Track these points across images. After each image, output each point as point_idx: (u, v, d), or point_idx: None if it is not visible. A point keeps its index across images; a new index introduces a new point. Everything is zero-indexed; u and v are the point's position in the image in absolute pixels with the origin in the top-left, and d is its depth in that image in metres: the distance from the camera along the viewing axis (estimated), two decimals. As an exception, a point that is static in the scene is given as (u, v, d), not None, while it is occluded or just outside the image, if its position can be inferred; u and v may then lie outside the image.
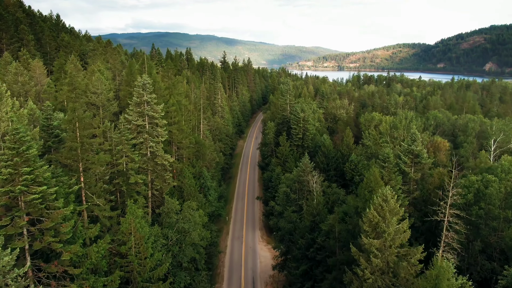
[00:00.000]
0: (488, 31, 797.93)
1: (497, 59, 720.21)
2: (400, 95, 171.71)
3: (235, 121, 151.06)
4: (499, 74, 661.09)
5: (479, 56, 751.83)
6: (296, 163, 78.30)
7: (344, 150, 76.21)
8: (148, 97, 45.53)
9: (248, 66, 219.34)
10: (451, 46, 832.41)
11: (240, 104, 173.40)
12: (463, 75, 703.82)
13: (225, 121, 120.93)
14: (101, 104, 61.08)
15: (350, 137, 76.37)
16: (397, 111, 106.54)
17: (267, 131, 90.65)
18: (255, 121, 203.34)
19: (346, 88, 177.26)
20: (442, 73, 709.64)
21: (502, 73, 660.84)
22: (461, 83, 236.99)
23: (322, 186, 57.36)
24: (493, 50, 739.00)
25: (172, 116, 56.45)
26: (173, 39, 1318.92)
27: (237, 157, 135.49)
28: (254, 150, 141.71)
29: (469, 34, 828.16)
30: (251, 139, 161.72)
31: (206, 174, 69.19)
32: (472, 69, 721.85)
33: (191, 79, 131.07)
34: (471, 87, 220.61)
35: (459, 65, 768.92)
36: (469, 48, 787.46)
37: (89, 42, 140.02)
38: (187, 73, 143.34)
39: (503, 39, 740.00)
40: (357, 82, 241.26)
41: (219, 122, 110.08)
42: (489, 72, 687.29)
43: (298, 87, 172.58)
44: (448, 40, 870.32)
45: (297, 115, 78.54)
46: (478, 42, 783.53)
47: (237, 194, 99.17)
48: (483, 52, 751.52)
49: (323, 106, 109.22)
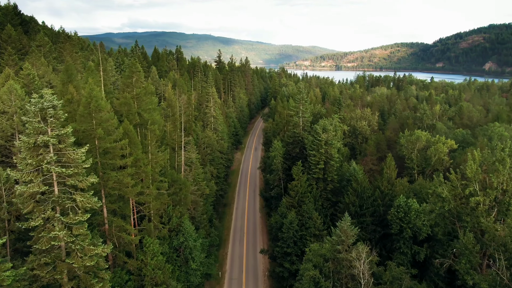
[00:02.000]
0: (487, 30, 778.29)
1: (496, 58, 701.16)
2: (417, 98, 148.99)
3: (232, 131, 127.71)
4: (499, 73, 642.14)
5: (479, 56, 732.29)
6: (316, 204, 55.17)
7: (384, 187, 53.27)
8: (54, 135, 22.22)
9: (246, 66, 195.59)
10: (450, 46, 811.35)
11: (238, 110, 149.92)
12: (463, 74, 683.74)
13: (219, 134, 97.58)
14: (17, 130, 37.62)
15: (393, 168, 53.32)
16: (436, 124, 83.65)
17: (272, 153, 67.35)
18: (254, 127, 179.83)
19: (356, 92, 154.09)
20: (441, 72, 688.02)
21: (502, 73, 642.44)
22: (478, 85, 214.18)
23: (372, 268, 34.43)
24: (493, 50, 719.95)
25: (124, 154, 33.14)
26: (169, 39, 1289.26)
27: (233, 174, 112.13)
28: (254, 166, 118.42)
29: (468, 34, 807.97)
30: (250, 150, 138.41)
31: (188, 228, 45.95)
32: (472, 69, 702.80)
33: (179, 83, 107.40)
34: (490, 89, 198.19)
35: (458, 65, 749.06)
36: (468, 48, 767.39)
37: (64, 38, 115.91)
38: (174, 75, 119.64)
39: (502, 38, 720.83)
40: (364, 84, 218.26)
41: (211, 137, 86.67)
42: (489, 72, 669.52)
43: (303, 89, 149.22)
44: (447, 39, 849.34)
45: (317, 136, 55.22)
46: (477, 42, 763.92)
47: (234, 232, 75.77)
48: (482, 52, 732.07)
49: (340, 117, 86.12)
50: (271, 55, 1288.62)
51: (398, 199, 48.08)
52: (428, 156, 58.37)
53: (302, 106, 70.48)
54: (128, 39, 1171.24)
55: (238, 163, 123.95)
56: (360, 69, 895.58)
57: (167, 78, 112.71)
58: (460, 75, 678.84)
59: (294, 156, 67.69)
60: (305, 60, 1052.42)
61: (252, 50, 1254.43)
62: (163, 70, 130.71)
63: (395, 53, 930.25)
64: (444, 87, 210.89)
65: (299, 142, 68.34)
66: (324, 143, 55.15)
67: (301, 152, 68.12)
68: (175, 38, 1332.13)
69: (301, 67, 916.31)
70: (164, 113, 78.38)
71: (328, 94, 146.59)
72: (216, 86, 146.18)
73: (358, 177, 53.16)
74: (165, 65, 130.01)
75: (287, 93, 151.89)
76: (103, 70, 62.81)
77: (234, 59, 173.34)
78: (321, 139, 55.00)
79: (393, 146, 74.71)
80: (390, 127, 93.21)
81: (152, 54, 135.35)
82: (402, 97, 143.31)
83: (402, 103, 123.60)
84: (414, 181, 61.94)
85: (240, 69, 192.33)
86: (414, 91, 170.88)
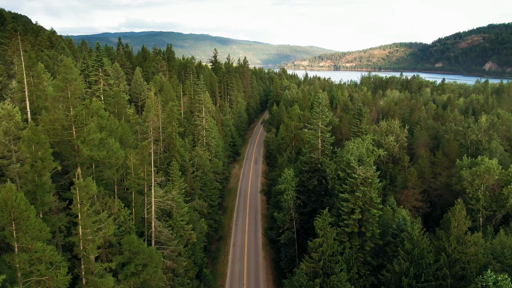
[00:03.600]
0: (487, 30, 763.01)
1: (497, 58, 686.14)
2: (434, 102, 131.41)
3: (228, 142, 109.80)
4: (500, 73, 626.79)
5: (478, 56, 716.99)
6: (350, 271, 37.36)
7: (451, 249, 35.61)
8: None
9: (245, 67, 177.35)
10: (449, 46, 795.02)
11: (235, 117, 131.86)
12: (463, 74, 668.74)
13: (212, 149, 79.71)
14: None
15: (462, 219, 35.64)
16: (481, 140, 65.84)
17: (281, 185, 49.22)
18: (254, 134, 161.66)
19: (367, 96, 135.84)
20: (441, 72, 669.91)
21: (503, 73, 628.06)
22: (493, 86, 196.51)
23: None
24: (493, 50, 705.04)
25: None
26: (166, 39, 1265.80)
27: (231, 195, 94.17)
28: (255, 184, 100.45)
29: (467, 33, 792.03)
30: (250, 162, 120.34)
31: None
32: (472, 69, 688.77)
33: (166, 88, 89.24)
34: (506, 90, 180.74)
35: (458, 65, 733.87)
36: (467, 48, 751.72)
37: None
38: (162, 77, 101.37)
39: (502, 38, 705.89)
40: (371, 86, 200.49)
41: (202, 155, 68.69)
42: (489, 72, 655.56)
43: (307, 94, 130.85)
44: (446, 39, 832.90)
45: (352, 172, 37.37)
46: (477, 41, 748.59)
47: (231, 282, 57.98)
48: (482, 52, 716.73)
49: (359, 131, 67.73)
50: (268, 55, 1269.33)
51: (481, 277, 30.44)
52: (504, 196, 40.91)
53: (322, 122, 52.31)
54: (125, 39, 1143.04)
55: (236, 179, 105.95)
56: (359, 69, 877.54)
57: (152, 81, 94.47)
58: (460, 75, 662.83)
59: (312, 189, 49.75)
60: (303, 60, 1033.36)
61: (250, 50, 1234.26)
62: (149, 72, 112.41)
63: (394, 53, 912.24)
64: (458, 89, 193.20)
65: (318, 171, 50.41)
66: (361, 182, 37.22)
67: (320, 184, 50.22)
68: (172, 38, 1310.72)
69: (299, 67, 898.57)
70: (141, 131, 60.39)
71: (336, 98, 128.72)
72: (211, 90, 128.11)
73: (413, 233, 35.41)
74: (152, 66, 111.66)
75: (290, 97, 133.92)
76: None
77: (232, 59, 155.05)
78: (357, 176, 37.04)
79: (436, 171, 56.86)
80: (420, 143, 75.46)
81: (138, 54, 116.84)
82: (421, 102, 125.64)
83: (425, 110, 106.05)
84: (478, 229, 44.22)
85: (238, 70, 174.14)
86: (429, 94, 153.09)
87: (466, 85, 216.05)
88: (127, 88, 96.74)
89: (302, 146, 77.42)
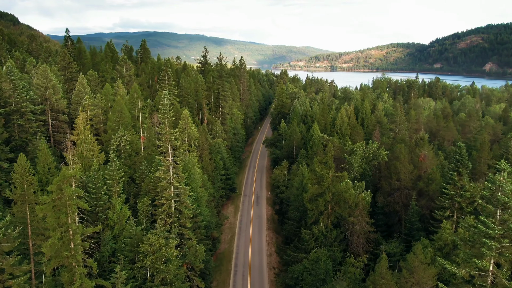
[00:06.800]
0: (485, 30, 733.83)
1: (497, 59, 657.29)
2: (489, 118, 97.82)
3: (219, 179, 75.26)
4: (501, 74, 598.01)
5: (478, 56, 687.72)
6: None
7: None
8: None
9: (241, 69, 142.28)
10: (447, 46, 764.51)
11: (229, 136, 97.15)
12: (463, 75, 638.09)
13: (186, 221, 44.85)
14: None
15: None
16: None
17: None
18: (252, 153, 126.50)
19: (396, 108, 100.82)
20: (440, 73, 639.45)
21: (504, 74, 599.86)
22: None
23: None
24: (492, 50, 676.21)
25: None
26: (161, 39, 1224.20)
27: (222, 269, 59.28)
28: (257, 246, 65.76)
29: (466, 34, 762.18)
30: (249, 201, 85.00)
31: None
32: (471, 69, 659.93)
33: (116, 107, 54.31)
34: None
35: (457, 65, 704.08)
36: (466, 48, 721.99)
37: None
38: (117, 87, 65.93)
39: (501, 39, 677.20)
40: (390, 92, 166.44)
41: (162, 246, 34.40)
42: (490, 73, 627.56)
43: (326, 107, 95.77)
44: (444, 39, 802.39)
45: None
46: (476, 42, 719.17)
47: None
48: (481, 52, 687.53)
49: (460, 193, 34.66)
50: (264, 56, 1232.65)
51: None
52: None
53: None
54: (119, 39, 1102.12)
55: (230, 234, 70.93)
56: (356, 70, 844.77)
57: (101, 95, 59.30)
58: (460, 76, 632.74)
59: None
60: (299, 61, 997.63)
61: (245, 51, 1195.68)
62: (107, 77, 76.98)
63: (391, 53, 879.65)
64: (490, 94, 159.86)
65: None
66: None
67: None
68: (167, 38, 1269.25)
69: (295, 68, 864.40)
70: None
71: (363, 112, 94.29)
72: (197, 101, 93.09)
73: None
74: (110, 71, 76.16)
75: (302, 110, 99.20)
76: None
77: (225, 59, 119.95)
78: None
79: None
80: None
81: (91, 52, 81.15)
82: (475, 118, 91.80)
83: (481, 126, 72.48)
84: None
85: (233, 72, 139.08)
86: (472, 103, 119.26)
87: (496, 89, 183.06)
88: (64, 104, 61.67)
89: (343, 211, 44.04)
